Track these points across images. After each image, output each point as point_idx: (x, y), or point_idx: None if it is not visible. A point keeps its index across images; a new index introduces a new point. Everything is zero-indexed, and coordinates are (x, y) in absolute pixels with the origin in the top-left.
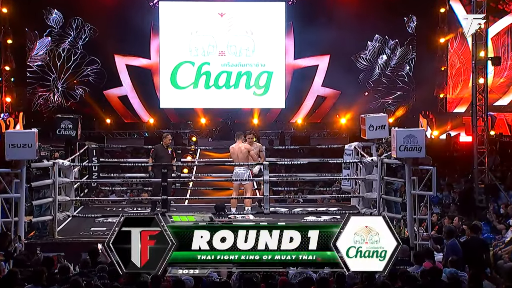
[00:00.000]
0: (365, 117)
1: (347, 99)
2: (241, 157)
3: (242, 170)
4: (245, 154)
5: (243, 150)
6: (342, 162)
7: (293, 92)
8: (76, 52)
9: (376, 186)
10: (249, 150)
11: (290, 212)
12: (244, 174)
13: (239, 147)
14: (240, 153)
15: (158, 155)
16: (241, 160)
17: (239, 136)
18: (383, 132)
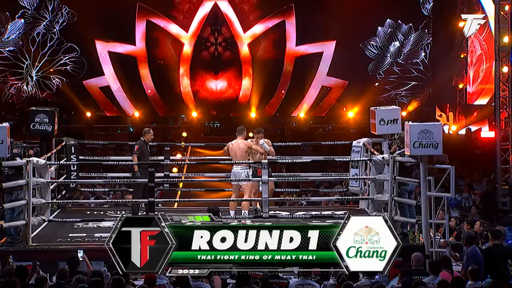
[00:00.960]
0: (375, 110)
1: (355, 90)
2: (239, 155)
3: (239, 169)
4: (244, 151)
5: (242, 147)
6: (350, 160)
7: (295, 82)
8: (52, 37)
9: (387, 187)
10: (250, 146)
11: (292, 216)
12: (241, 173)
13: (238, 144)
14: (239, 150)
15: (143, 153)
16: (239, 158)
17: (240, 131)
18: (396, 127)
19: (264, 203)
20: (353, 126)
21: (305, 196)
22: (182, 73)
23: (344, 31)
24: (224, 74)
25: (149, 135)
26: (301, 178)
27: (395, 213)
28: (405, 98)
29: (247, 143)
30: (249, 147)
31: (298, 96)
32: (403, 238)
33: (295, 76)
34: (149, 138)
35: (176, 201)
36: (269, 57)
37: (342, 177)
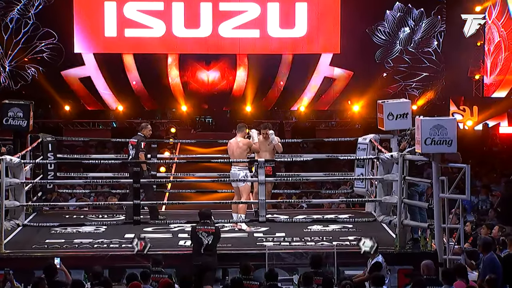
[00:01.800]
0: (383, 103)
1: (361, 82)
2: (237, 154)
3: (236, 170)
4: (243, 150)
5: (240, 146)
6: (355, 158)
7: (295, 73)
8: (27, 22)
9: (396, 188)
10: (249, 146)
11: (291, 220)
12: (239, 174)
13: (237, 142)
14: (238, 149)
15: (147, 151)
16: (237, 157)
17: (240, 129)
18: (405, 122)
19: (260, 206)
20: (359, 121)
21: (305, 198)
22: (170, 63)
23: (349, 16)
24: (217, 64)
25: (146, 130)
26: (302, 178)
27: (404, 217)
28: (416, 90)
29: (247, 141)
30: (249, 146)
31: (298, 88)
32: (414, 244)
33: (295, 66)
34: (147, 133)
35: (164, 203)
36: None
37: (347, 177)
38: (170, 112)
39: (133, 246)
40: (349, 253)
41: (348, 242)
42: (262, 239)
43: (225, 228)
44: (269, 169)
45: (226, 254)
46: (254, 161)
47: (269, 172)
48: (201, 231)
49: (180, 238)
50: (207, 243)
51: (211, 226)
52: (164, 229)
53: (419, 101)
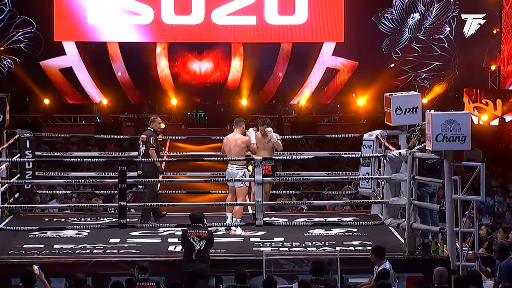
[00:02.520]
0: (391, 96)
1: (366, 73)
2: (234, 152)
3: (234, 169)
4: (241, 149)
5: (239, 144)
6: (360, 156)
7: (294, 63)
8: (3, 10)
9: (405, 189)
10: (248, 144)
11: (291, 224)
12: (237, 174)
13: (235, 139)
14: (236, 147)
15: (158, 146)
16: (234, 155)
17: (238, 124)
18: (415, 117)
19: (257, 208)
20: (364, 115)
21: (306, 200)
22: (159, 53)
23: (353, 1)
24: (210, 54)
25: (155, 123)
26: (302, 178)
27: (414, 220)
28: (426, 82)
29: (246, 140)
30: (248, 145)
31: (299, 80)
32: (424, 249)
33: (294, 56)
34: (157, 127)
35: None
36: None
37: (351, 176)
38: (158, 106)
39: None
40: (354, 259)
41: (352, 247)
42: (259, 244)
43: (218, 232)
44: (268, 168)
45: (220, 260)
46: (251, 160)
47: (268, 172)
48: (192, 236)
49: (170, 243)
50: (199, 249)
51: (203, 230)
52: (152, 233)
53: (430, 94)
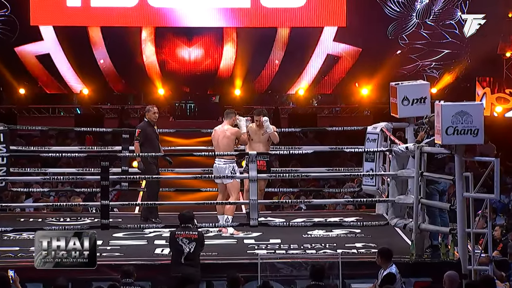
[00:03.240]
0: (397, 86)
1: (370, 61)
2: (222, 145)
3: (222, 164)
4: (229, 141)
5: (228, 135)
6: (363, 151)
7: (292, 50)
8: None
9: (412, 186)
10: (238, 136)
11: (288, 224)
12: (225, 169)
13: (223, 131)
14: (225, 139)
15: (148, 138)
16: (223, 149)
17: (228, 115)
18: (423, 108)
19: (252, 207)
20: (368, 107)
21: (305, 198)
22: (145, 38)
23: None
24: (200, 40)
25: (150, 113)
26: (300, 174)
27: (422, 220)
28: (435, 71)
29: (236, 131)
30: (238, 137)
31: (297, 68)
32: (433, 252)
33: (292, 42)
34: (152, 117)
35: (138, 204)
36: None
37: (354, 173)
38: (144, 96)
39: None
40: (357, 263)
41: (355, 250)
42: (254, 246)
43: (209, 234)
44: (262, 163)
45: (211, 264)
46: (245, 154)
47: (262, 167)
48: (181, 237)
49: (157, 245)
50: (188, 251)
51: (193, 231)
52: (137, 234)
53: (440, 83)
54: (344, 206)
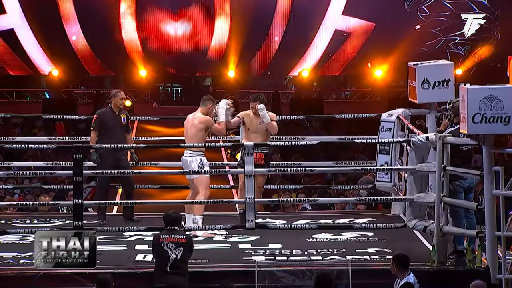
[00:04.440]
0: (416, 66)
1: (385, 37)
2: (191, 135)
3: (187, 156)
4: (197, 130)
5: (195, 124)
6: (377, 142)
7: (294, 25)
8: None
9: (434, 183)
10: (208, 125)
11: (290, 227)
12: (191, 162)
13: (192, 119)
14: (192, 128)
15: (106, 126)
16: (189, 139)
17: (203, 102)
18: (446, 92)
19: (248, 207)
20: (383, 91)
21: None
22: (124, 12)
23: None
24: (188, 13)
25: (116, 99)
26: (304, 169)
27: (445, 222)
28: (460, 48)
29: (205, 119)
30: (208, 126)
31: (300, 45)
32: (458, 259)
33: (294, 15)
34: (117, 103)
35: (116, 203)
36: None
37: (366, 167)
38: (123, 78)
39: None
40: (369, 271)
41: (367, 256)
42: (250, 252)
43: (199, 238)
44: (260, 156)
45: (201, 272)
46: (239, 146)
47: (260, 161)
48: (166, 242)
49: (138, 251)
50: (174, 258)
51: (180, 235)
52: (115, 238)
53: (465, 63)
54: (355, 206)
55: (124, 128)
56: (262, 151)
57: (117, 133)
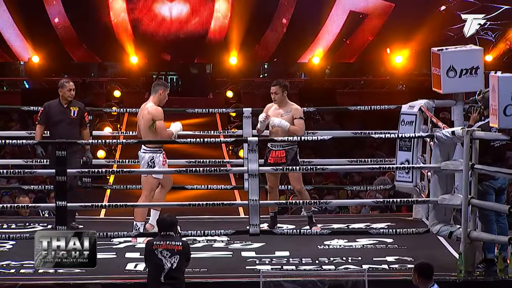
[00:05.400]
0: (441, 52)
1: (406, 19)
2: (141, 129)
3: (141, 152)
4: (146, 121)
5: (145, 114)
6: (397, 137)
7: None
8: None
9: (460, 183)
10: (156, 117)
11: (299, 232)
12: (144, 157)
13: (142, 109)
14: (142, 120)
15: (52, 120)
16: (142, 134)
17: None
18: (475, 81)
19: (252, 210)
20: (403, 79)
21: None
22: None
23: None
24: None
25: (64, 89)
26: (315, 167)
27: (473, 227)
28: (490, 33)
29: (154, 110)
30: (156, 118)
31: (310, 29)
32: (488, 267)
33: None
34: (66, 94)
35: (104, 206)
36: None
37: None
38: (112, 65)
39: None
40: (388, 282)
41: (386, 265)
42: (254, 260)
43: (197, 244)
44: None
45: (200, 283)
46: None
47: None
48: (161, 249)
49: (129, 259)
50: (170, 267)
51: (176, 242)
52: (104, 245)
53: (496, 49)
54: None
55: (76, 122)
56: (284, 148)
57: (65, 128)
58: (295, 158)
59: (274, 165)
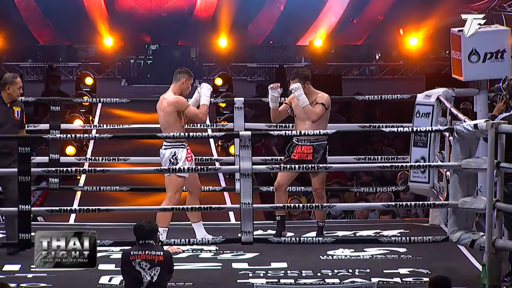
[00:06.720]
0: (461, 34)
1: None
2: (162, 122)
3: (162, 149)
4: (167, 115)
5: (164, 107)
6: (411, 132)
7: None
8: None
9: (484, 184)
10: (179, 108)
11: (298, 241)
12: (163, 155)
13: (161, 101)
14: (161, 112)
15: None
16: (163, 128)
17: (175, 77)
18: (500, 66)
19: (244, 215)
20: (418, 65)
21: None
22: None
23: None
24: None
25: (14, 87)
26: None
27: (499, 234)
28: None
29: (175, 100)
30: (179, 109)
31: (311, 8)
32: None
33: None
34: (15, 93)
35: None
36: None
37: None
38: (83, 48)
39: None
40: None
41: (398, 279)
42: (247, 273)
43: (182, 254)
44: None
45: None
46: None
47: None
48: (139, 260)
49: (103, 272)
50: (149, 280)
51: (156, 251)
52: None
53: None
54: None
55: (19, 124)
56: (312, 143)
57: (8, 131)
58: (324, 157)
59: (298, 162)
